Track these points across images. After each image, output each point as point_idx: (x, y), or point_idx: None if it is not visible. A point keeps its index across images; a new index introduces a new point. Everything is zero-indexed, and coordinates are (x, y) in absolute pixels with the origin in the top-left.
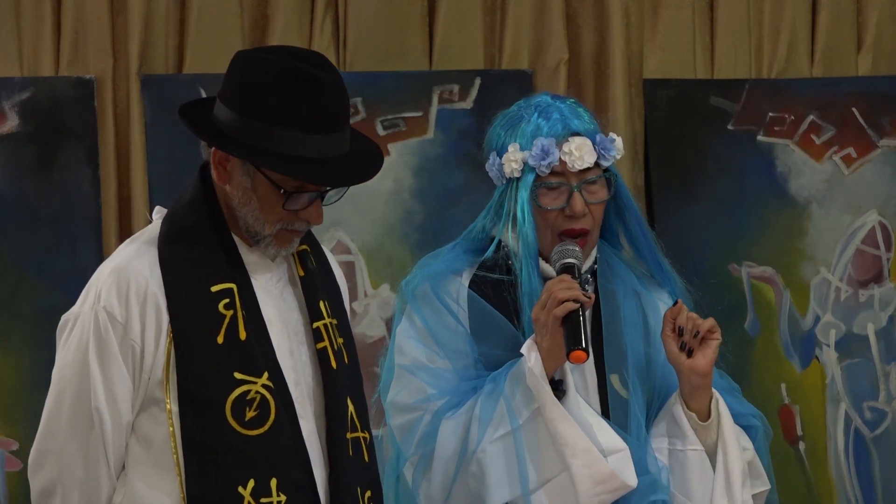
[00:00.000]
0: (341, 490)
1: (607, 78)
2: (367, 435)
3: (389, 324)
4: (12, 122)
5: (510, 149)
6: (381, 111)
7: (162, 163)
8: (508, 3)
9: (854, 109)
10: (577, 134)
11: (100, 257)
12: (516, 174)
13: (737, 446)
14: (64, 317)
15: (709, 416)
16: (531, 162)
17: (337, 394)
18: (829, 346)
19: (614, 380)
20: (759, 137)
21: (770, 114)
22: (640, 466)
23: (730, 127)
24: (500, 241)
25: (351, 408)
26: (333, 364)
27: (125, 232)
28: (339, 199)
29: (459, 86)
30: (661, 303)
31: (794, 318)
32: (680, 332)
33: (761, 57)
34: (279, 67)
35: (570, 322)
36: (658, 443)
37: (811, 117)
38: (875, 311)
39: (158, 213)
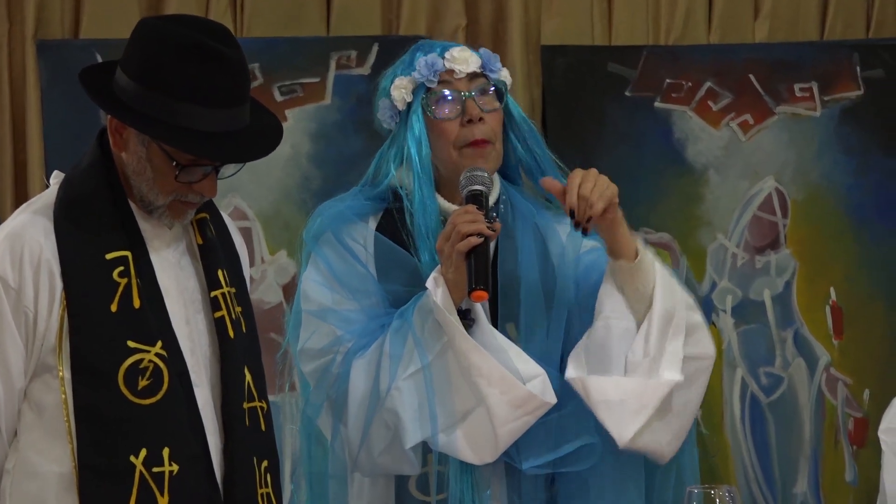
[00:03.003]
0: (237, 460)
1: (505, 44)
2: (264, 404)
3: (287, 290)
4: None
5: (396, 82)
6: (279, 77)
7: (58, 128)
8: None
9: (751, 76)
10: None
11: None
12: (408, 98)
13: (668, 290)
14: None
15: (636, 253)
16: (418, 78)
17: (234, 363)
18: (725, 311)
19: (510, 328)
20: (657, 104)
21: (667, 80)
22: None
23: (627, 93)
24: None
25: (248, 377)
26: (231, 333)
27: (21, 198)
28: (234, 174)
29: (357, 52)
30: (562, 229)
31: (690, 284)
32: (572, 214)
33: (659, 23)
34: (182, 40)
35: (473, 257)
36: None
37: (708, 84)
38: (771, 278)
39: (56, 178)
